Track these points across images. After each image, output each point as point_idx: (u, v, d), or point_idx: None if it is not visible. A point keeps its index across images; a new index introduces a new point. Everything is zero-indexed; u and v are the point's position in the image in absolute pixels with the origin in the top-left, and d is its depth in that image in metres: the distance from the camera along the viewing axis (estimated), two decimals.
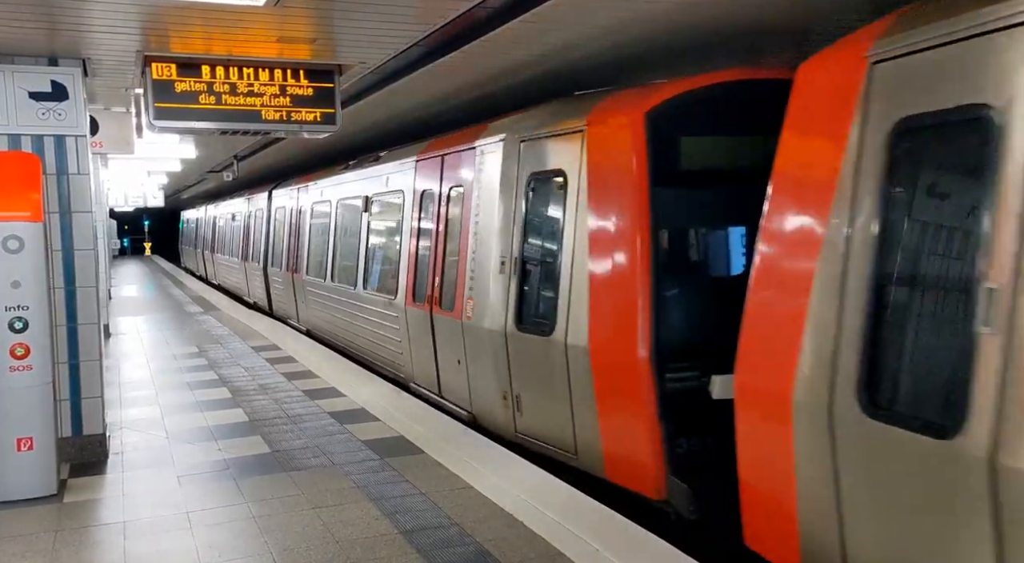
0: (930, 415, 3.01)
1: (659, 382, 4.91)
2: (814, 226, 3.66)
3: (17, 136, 5.74)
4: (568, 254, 5.60)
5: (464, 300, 7.00)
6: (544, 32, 5.34)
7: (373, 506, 5.02)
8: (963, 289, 2.95)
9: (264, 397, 8.21)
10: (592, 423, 5.35)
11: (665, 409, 4.90)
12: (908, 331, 3.24)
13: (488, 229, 6.68)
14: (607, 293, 5.26)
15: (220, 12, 4.80)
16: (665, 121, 5.13)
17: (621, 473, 5.22)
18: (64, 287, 5.91)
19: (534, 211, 6.21)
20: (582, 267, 5.47)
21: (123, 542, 4.58)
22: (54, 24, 4.95)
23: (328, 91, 6.09)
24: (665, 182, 5.10)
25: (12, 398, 5.26)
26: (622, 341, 5.06)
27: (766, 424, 3.86)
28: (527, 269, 6.24)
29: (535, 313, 6.08)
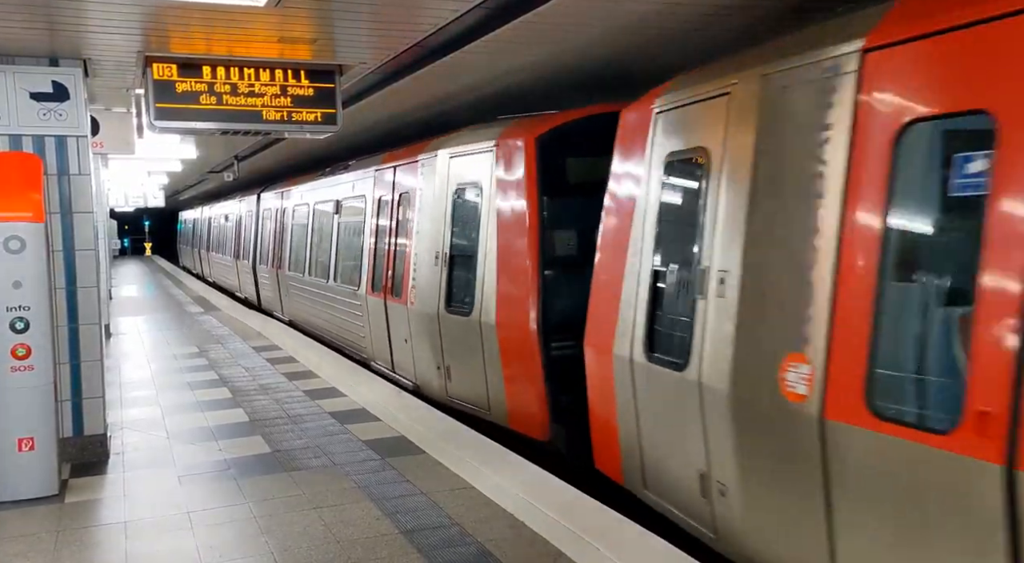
0: (676, 358, 4.47)
1: (545, 351, 6.24)
2: (625, 230, 5.08)
3: (18, 136, 5.75)
4: (482, 249, 6.92)
5: (409, 289, 8.31)
6: (544, 33, 5.35)
7: (374, 506, 5.02)
8: (691, 274, 4.43)
9: (265, 397, 8.21)
10: (499, 385, 6.72)
11: (550, 372, 6.22)
12: (666, 304, 4.77)
13: (426, 229, 7.99)
14: (508, 280, 6.61)
15: (221, 12, 4.80)
16: (550, 144, 6.49)
17: (519, 422, 6.58)
18: (65, 287, 5.92)
19: (458, 214, 7.51)
20: (492, 259, 6.78)
21: (124, 542, 4.59)
22: (55, 25, 4.95)
23: (329, 91, 6.09)
24: (550, 192, 6.47)
25: (13, 398, 5.27)
26: (519, 318, 6.42)
27: (600, 372, 5.27)
28: (454, 262, 7.49)
29: (459, 298, 7.32)
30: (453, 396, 7.53)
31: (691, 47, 5.68)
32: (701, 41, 5.54)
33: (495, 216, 6.81)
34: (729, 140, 4.22)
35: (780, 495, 3.73)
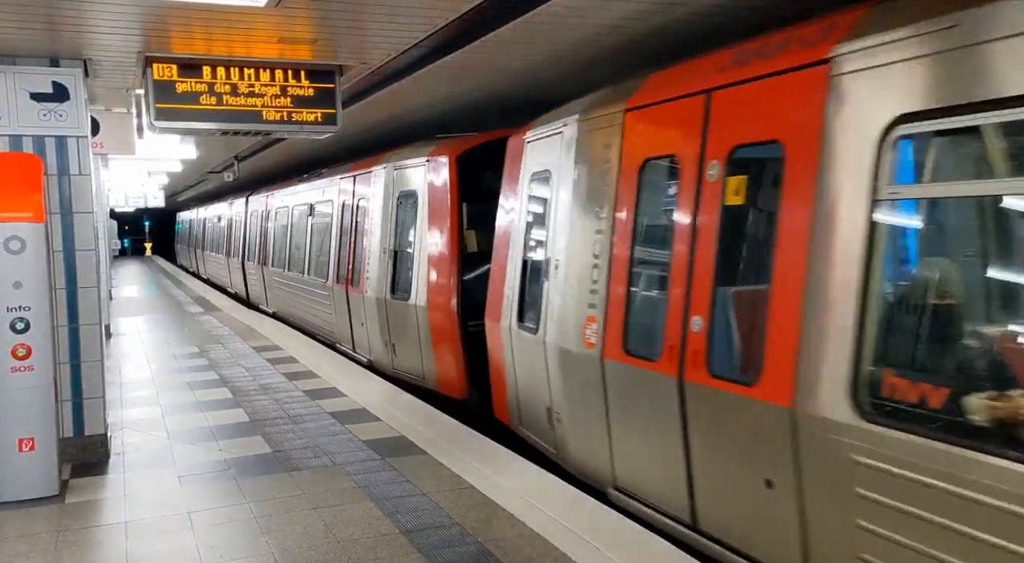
0: (533, 324, 6.01)
1: (463, 329, 7.77)
2: (507, 231, 6.66)
3: (18, 137, 5.75)
4: (418, 246, 8.47)
5: (364, 280, 9.85)
6: (541, 33, 5.35)
7: (374, 506, 5.02)
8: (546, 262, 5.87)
9: (265, 397, 8.21)
10: (430, 357, 8.26)
11: (467, 346, 7.71)
12: (530, 284, 6.23)
13: (377, 229, 9.59)
14: (435, 271, 8.14)
15: (221, 13, 4.80)
16: (468, 160, 8.04)
17: (445, 386, 8.12)
18: (65, 288, 5.92)
19: (400, 217, 9.09)
20: (424, 254, 8.33)
21: (125, 542, 4.59)
22: (55, 25, 4.95)
23: (329, 91, 6.10)
24: (467, 199, 8.06)
25: (13, 399, 5.27)
26: (444, 302, 7.97)
27: (494, 341, 6.78)
28: (397, 257, 9.08)
29: (402, 286, 8.87)
30: (398, 368, 9.11)
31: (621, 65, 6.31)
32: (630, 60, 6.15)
33: (427, 219, 8.38)
34: (561, 165, 5.79)
35: (585, 415, 5.39)
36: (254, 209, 17.80)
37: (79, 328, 5.97)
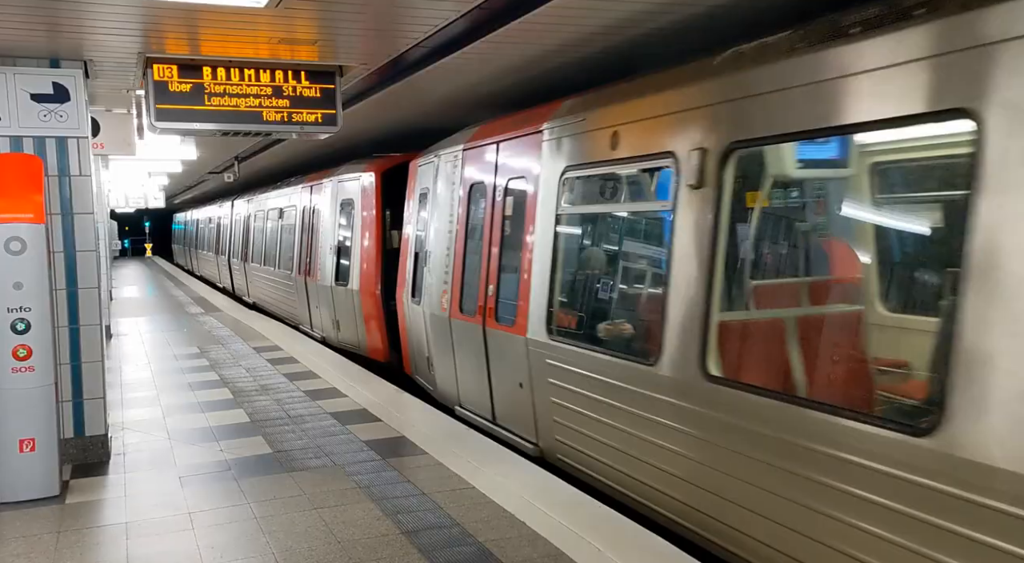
0: (417, 298, 8.37)
1: (386, 307, 10.26)
2: (407, 230, 9.22)
3: (19, 138, 5.75)
4: (354, 243, 10.87)
5: (317, 270, 12.38)
6: (543, 32, 5.36)
7: (375, 506, 5.03)
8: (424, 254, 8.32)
9: (265, 398, 8.22)
10: (363, 330, 10.72)
11: (388, 321, 10.22)
12: (418, 269, 8.56)
13: (326, 229, 12.06)
14: (366, 263, 10.60)
15: (221, 13, 4.81)
16: (390, 176, 10.53)
17: (373, 352, 10.63)
18: (66, 288, 5.92)
19: (342, 220, 11.60)
20: (357, 249, 10.76)
21: (126, 543, 4.59)
22: (56, 26, 4.95)
23: (329, 92, 6.10)
24: (390, 206, 10.50)
25: (14, 399, 5.27)
26: (371, 287, 10.47)
27: (401, 314, 9.19)
28: (339, 251, 11.55)
29: (343, 274, 11.31)
30: (341, 341, 11.57)
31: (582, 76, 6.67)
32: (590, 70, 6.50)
33: (360, 222, 10.79)
34: (433, 185, 8.26)
35: (444, 357, 7.76)
36: (237, 212, 20.37)
37: (80, 329, 5.97)
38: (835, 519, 3.50)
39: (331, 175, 12.06)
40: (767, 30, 4.29)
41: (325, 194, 12.22)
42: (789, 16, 4.64)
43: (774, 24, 4.41)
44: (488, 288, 6.82)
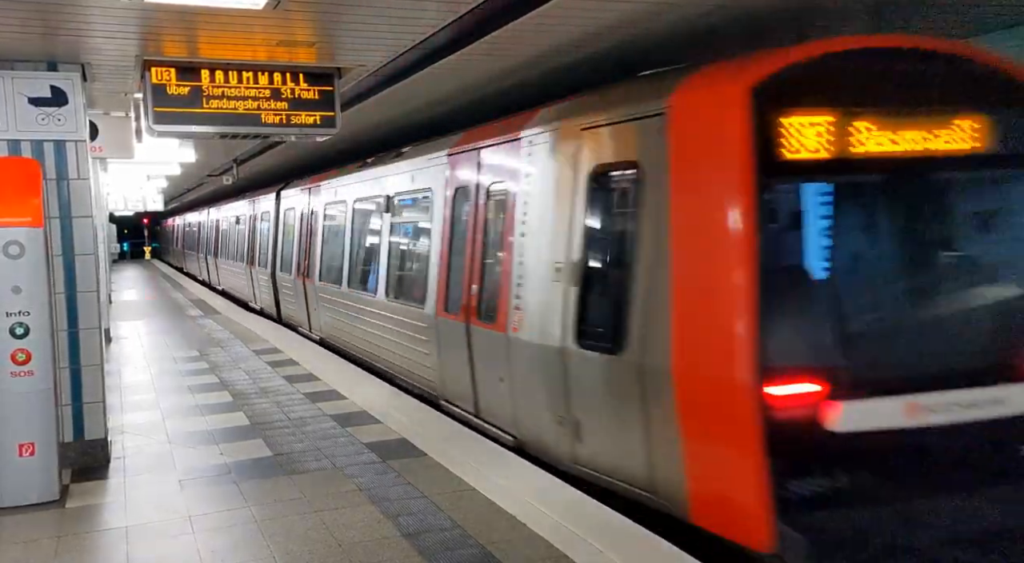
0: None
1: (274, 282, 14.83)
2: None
3: (17, 142, 5.74)
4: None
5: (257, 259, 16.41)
6: (542, 32, 5.35)
7: (375, 509, 5.02)
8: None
9: (265, 400, 8.21)
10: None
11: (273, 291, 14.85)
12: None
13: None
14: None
15: (219, 16, 4.80)
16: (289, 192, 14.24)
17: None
18: (65, 292, 5.91)
19: (284, 228, 14.66)
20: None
21: (126, 547, 4.58)
22: (53, 29, 4.95)
23: (328, 94, 6.09)
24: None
25: (13, 403, 5.26)
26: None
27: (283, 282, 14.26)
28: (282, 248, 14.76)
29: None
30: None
31: None
32: None
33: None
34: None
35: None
36: (214, 217, 24.06)
37: (79, 332, 5.96)
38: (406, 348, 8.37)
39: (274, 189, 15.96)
40: None
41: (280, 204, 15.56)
42: None
43: None
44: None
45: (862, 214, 4.82)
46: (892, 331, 4.54)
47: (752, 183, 4.12)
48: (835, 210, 4.57)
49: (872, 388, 4.13)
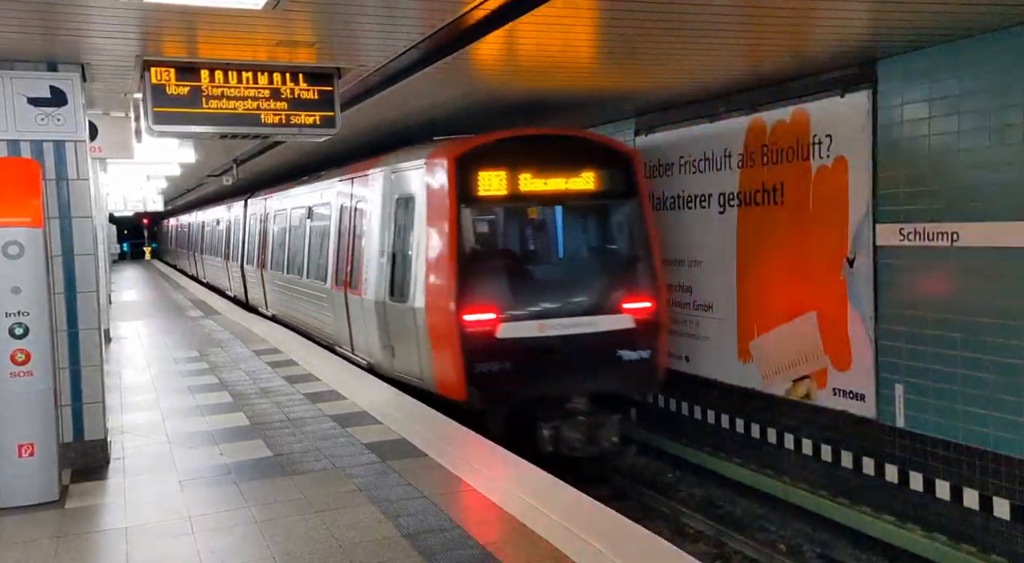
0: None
1: (242, 274, 18.50)
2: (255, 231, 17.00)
3: (16, 142, 5.73)
4: (262, 239, 16.14)
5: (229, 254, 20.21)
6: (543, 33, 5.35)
7: (376, 509, 5.01)
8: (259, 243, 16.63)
9: (265, 400, 8.20)
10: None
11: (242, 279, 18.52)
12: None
13: (253, 233, 17.24)
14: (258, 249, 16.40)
15: (219, 16, 4.80)
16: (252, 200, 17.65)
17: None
18: (64, 292, 5.90)
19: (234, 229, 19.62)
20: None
21: (126, 547, 4.58)
22: (52, 29, 4.94)
23: (328, 94, 6.09)
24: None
25: (13, 404, 5.25)
26: (260, 267, 16.11)
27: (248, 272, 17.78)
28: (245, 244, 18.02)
29: (260, 262, 16.14)
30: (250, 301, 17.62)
31: None
32: None
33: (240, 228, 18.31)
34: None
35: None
36: (199, 219, 27.63)
37: (79, 333, 5.96)
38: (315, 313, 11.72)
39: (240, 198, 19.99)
40: None
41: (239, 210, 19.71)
42: None
43: None
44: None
45: (517, 224, 8.83)
46: (531, 287, 8.40)
47: (454, 207, 7.65)
48: (500, 221, 8.72)
49: (519, 316, 7.71)
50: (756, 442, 8.28)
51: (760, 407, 8.18)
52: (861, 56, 6.50)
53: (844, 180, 6.97)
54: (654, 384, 8.22)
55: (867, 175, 6.75)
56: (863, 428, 7.04)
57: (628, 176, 8.20)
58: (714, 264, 8.59)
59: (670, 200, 9.16)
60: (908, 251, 6.47)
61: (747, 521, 7.97)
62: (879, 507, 6.94)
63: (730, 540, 7.39)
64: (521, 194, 7.89)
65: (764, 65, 6.84)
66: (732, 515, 8.14)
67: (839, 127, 7.00)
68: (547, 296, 8.17)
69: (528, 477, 5.53)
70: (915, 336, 6.50)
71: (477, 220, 8.32)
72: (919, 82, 6.31)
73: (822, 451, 7.51)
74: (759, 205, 7.94)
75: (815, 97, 7.20)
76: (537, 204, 8.34)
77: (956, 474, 6.25)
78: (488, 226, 8.62)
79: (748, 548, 7.19)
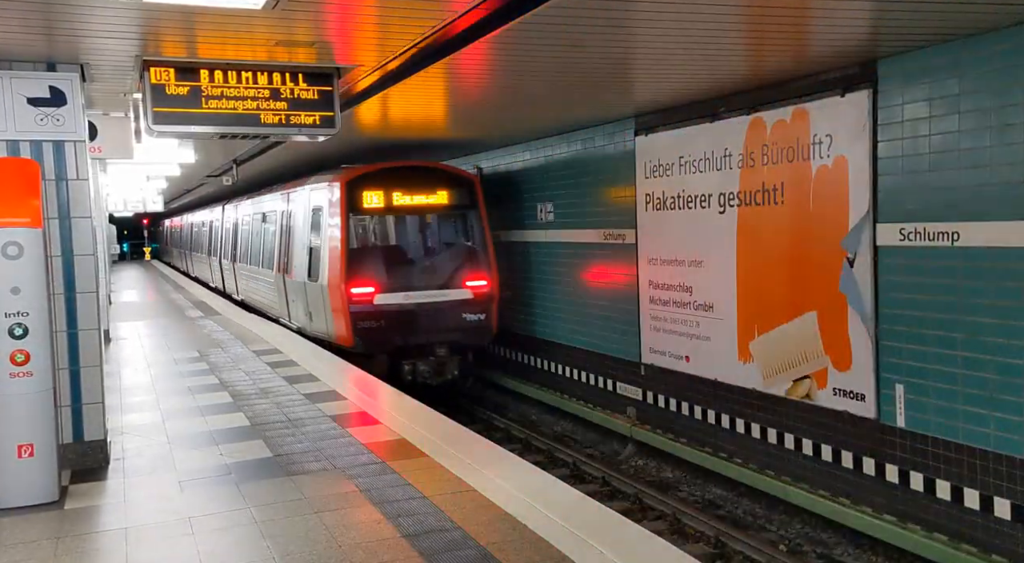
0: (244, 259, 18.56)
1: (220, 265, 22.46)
2: None
3: (15, 142, 5.73)
4: (233, 237, 19.97)
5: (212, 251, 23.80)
6: (548, 35, 5.35)
7: (376, 510, 5.01)
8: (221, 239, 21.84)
9: (265, 401, 8.20)
10: (236, 284, 19.57)
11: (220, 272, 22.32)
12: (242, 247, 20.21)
13: (228, 232, 20.81)
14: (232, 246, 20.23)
15: (219, 16, 4.79)
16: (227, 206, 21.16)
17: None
18: (64, 293, 5.90)
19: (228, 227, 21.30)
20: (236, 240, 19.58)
21: (125, 548, 4.57)
22: (52, 29, 4.93)
23: (327, 94, 6.08)
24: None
25: (12, 404, 5.25)
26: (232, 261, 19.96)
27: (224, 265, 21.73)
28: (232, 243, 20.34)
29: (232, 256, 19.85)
30: (227, 290, 20.92)
31: None
32: None
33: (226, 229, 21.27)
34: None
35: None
36: (190, 221, 31.26)
37: (78, 333, 5.95)
38: None
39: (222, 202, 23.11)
40: None
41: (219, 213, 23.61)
42: None
43: None
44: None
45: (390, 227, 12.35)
46: (400, 269, 11.79)
47: (345, 216, 11.42)
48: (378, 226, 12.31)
49: (391, 289, 11.30)
50: (756, 442, 8.27)
51: (760, 407, 8.18)
52: (861, 56, 6.49)
53: (845, 180, 6.96)
54: (487, 337, 12.00)
55: (867, 175, 6.74)
56: (863, 428, 7.03)
57: (471, 194, 12.07)
58: (714, 264, 8.59)
59: (670, 200, 9.16)
60: (908, 251, 6.46)
61: (747, 521, 7.97)
62: (879, 507, 6.94)
63: (730, 540, 7.38)
64: (393, 207, 11.80)
65: (764, 66, 6.84)
66: (733, 515, 8.14)
67: (840, 127, 6.99)
68: (411, 276, 11.85)
69: (529, 477, 5.53)
70: (916, 336, 6.49)
71: (361, 225, 12.08)
72: (920, 81, 6.30)
73: (822, 451, 7.51)
74: (759, 205, 7.94)
75: (815, 97, 7.19)
76: (405, 214, 12.12)
77: (956, 474, 6.25)
78: (369, 229, 12.35)
79: (748, 548, 7.19)
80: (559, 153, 11.45)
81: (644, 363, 9.87)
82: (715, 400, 8.79)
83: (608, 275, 10.54)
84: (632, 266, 9.91)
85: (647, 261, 9.64)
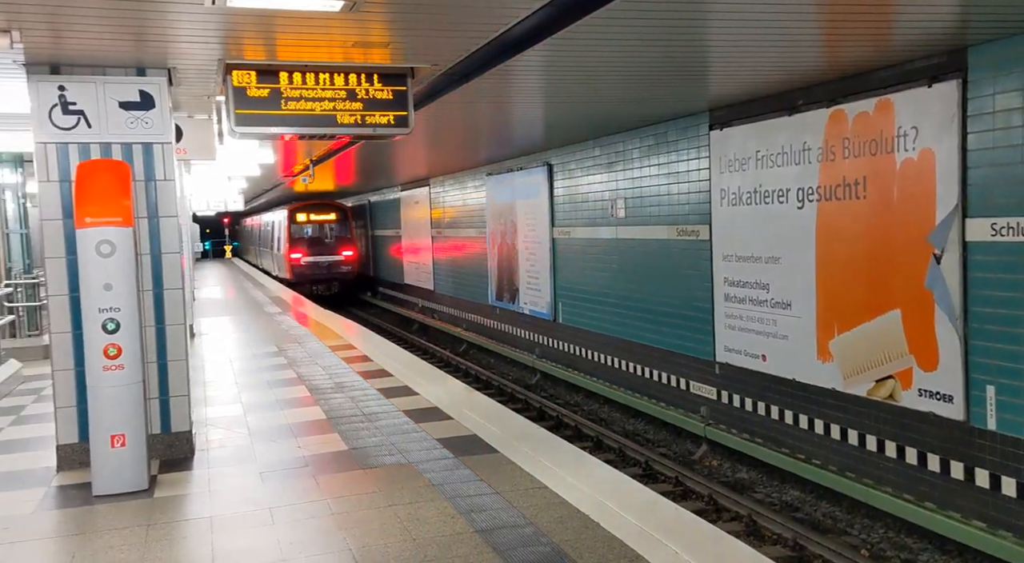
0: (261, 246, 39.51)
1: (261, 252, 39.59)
2: None
3: (108, 144, 5.99)
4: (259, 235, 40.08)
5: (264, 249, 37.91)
6: (606, 30, 5.29)
7: (449, 504, 5.05)
8: None
9: (340, 395, 8.37)
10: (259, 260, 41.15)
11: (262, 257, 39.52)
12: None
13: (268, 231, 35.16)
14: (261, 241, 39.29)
15: (298, 18, 4.90)
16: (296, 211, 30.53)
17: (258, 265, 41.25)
18: (152, 289, 6.14)
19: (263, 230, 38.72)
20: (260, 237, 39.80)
21: (211, 536, 4.73)
22: (142, 36, 5.13)
23: (401, 94, 6.15)
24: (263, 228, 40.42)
25: (106, 396, 5.49)
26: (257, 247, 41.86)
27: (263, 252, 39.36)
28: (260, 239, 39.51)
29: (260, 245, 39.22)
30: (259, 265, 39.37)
31: None
32: None
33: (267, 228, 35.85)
34: None
35: None
36: (255, 222, 41.37)
37: (165, 328, 6.19)
38: None
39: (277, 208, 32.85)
40: None
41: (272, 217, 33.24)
42: None
43: None
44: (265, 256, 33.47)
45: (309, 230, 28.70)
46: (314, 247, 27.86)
47: (289, 225, 28.12)
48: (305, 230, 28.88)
49: (309, 255, 27.62)
50: (835, 443, 8.04)
51: (840, 407, 7.94)
52: (950, 43, 6.22)
53: (931, 173, 6.69)
54: (351, 278, 27.49)
55: (956, 168, 6.46)
56: (950, 430, 6.76)
57: (347, 214, 28.18)
58: (792, 261, 8.37)
59: (746, 195, 8.97)
60: (1000, 246, 6.17)
61: (827, 524, 7.75)
62: (968, 512, 6.66)
63: (809, 543, 7.19)
64: (311, 221, 27.76)
65: (843, 57, 6.63)
66: (812, 517, 7.93)
67: (926, 118, 6.72)
68: (318, 249, 27.15)
69: (601, 475, 5.50)
70: (1008, 335, 6.20)
71: (297, 229, 27.65)
72: (1012, 70, 6.00)
73: (906, 453, 7.25)
74: (840, 199, 7.70)
75: (900, 87, 6.93)
76: (317, 223, 27.72)
77: None
78: (301, 230, 27.69)
79: (829, 552, 6.99)
80: (631, 148, 11.34)
81: (719, 362, 9.70)
82: (793, 400, 8.57)
83: (680, 272, 10.39)
84: (706, 262, 9.74)
85: (721, 257, 9.45)
